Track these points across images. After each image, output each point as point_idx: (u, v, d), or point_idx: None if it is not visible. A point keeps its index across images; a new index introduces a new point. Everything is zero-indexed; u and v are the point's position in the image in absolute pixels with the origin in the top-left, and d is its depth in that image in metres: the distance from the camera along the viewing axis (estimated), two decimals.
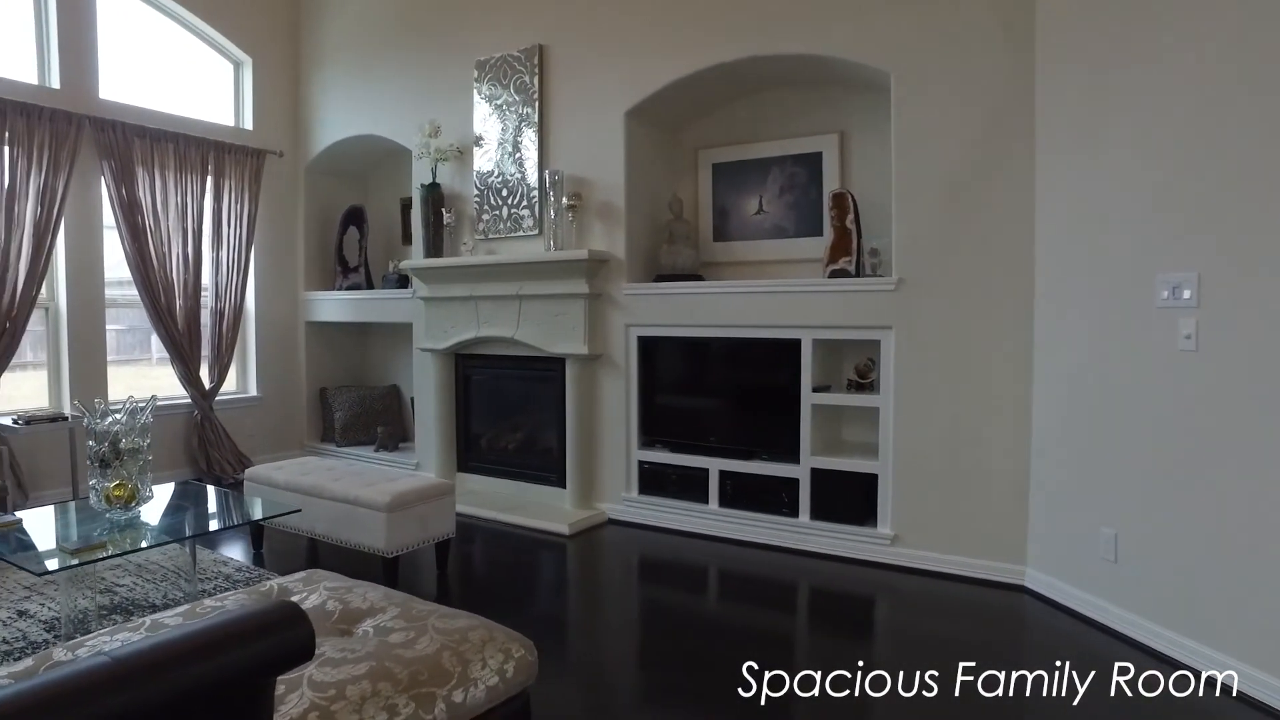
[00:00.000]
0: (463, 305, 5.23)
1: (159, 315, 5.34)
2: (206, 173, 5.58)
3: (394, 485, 3.69)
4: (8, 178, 4.62)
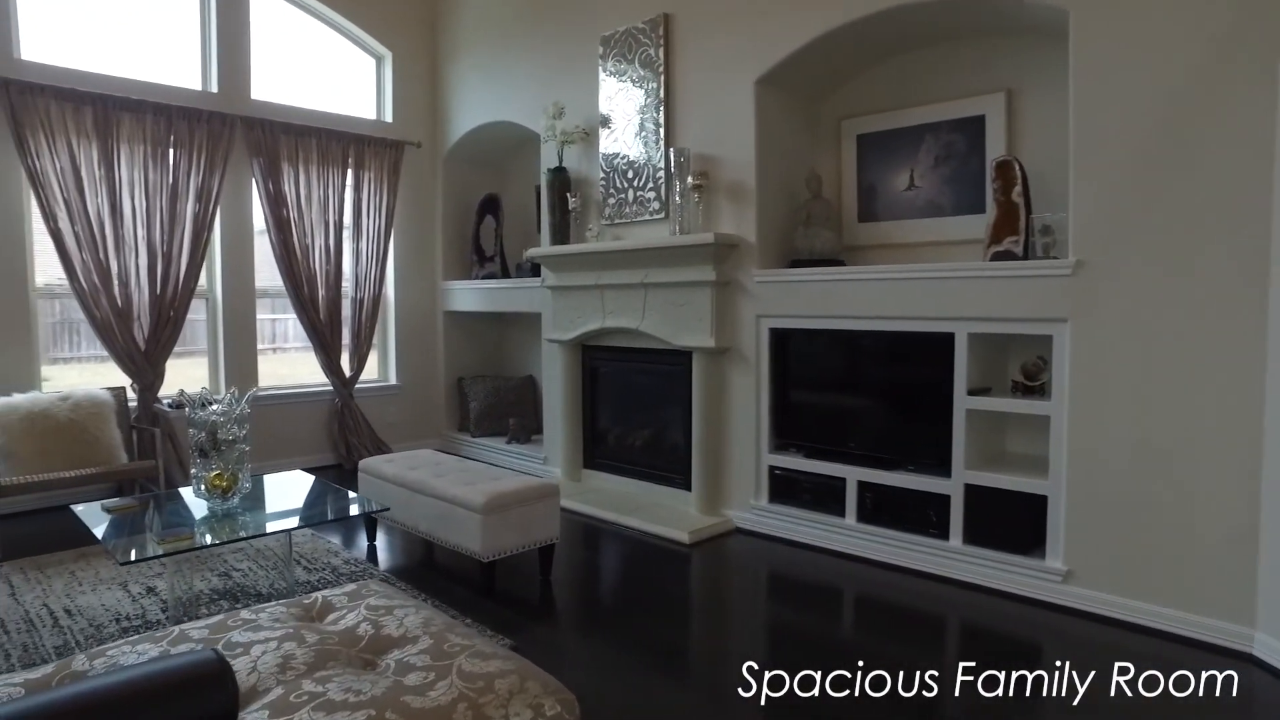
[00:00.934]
0: (588, 294, 5.00)
1: (302, 305, 5.52)
2: (347, 166, 5.70)
3: (494, 485, 3.50)
4: (171, 177, 4.89)
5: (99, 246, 4.64)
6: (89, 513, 3.12)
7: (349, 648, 1.84)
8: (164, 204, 4.86)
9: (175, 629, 1.93)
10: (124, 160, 4.73)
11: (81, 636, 2.97)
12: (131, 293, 4.78)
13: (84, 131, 4.60)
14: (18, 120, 4.38)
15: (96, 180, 4.64)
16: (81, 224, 4.58)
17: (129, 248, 4.76)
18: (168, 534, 2.80)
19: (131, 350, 4.78)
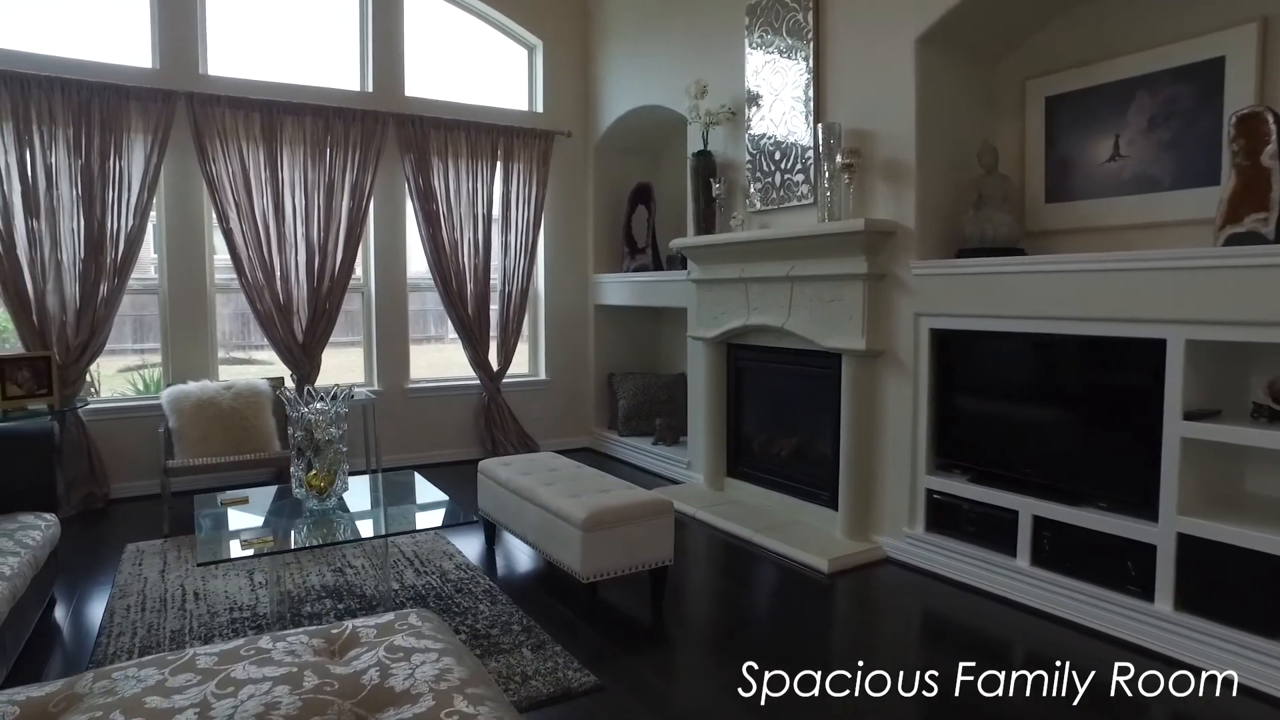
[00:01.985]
0: (732, 288, 4.59)
1: (450, 299, 5.55)
2: (496, 158, 5.66)
3: (599, 499, 3.22)
4: (327, 175, 5.07)
5: (263, 244, 4.90)
6: (205, 502, 3.20)
7: (345, 698, 1.61)
8: (321, 201, 5.05)
9: (189, 652, 1.80)
10: (286, 161, 4.96)
11: (196, 623, 3.04)
12: (291, 288, 5.01)
13: (252, 136, 4.85)
14: (199, 130, 4.70)
15: (262, 181, 4.89)
16: (248, 223, 4.85)
17: (289, 244, 4.99)
18: (250, 535, 2.77)
19: (290, 342, 5.02)
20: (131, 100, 4.52)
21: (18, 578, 2.57)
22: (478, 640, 2.88)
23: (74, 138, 4.39)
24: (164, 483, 4.16)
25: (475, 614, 3.12)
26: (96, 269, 4.46)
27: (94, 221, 4.44)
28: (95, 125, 4.42)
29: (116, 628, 3.02)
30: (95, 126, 4.42)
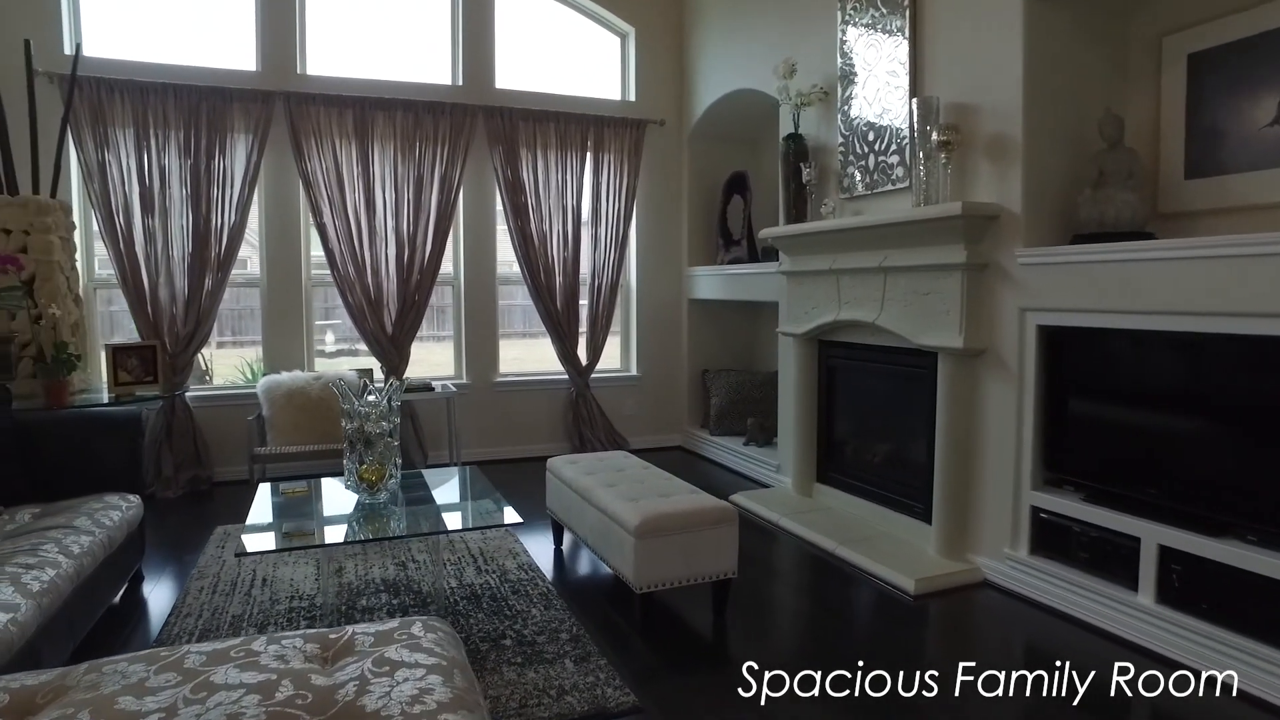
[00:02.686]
0: (823, 280, 4.27)
1: (538, 292, 5.50)
2: (586, 149, 5.56)
3: (658, 503, 3.02)
4: (417, 169, 5.12)
5: (354, 238, 5.00)
6: (264, 492, 3.24)
7: (313, 714, 1.50)
8: (410, 195, 5.11)
9: (183, 649, 1.75)
10: (377, 156, 5.04)
11: (256, 609, 3.08)
12: (381, 280, 5.09)
13: (345, 133, 4.97)
14: (295, 128, 4.85)
15: (354, 177, 4.99)
16: (340, 218, 4.97)
17: (380, 238, 5.07)
18: (290, 528, 2.76)
19: (379, 335, 5.11)
20: (235, 102, 4.71)
21: (85, 556, 2.66)
22: (521, 647, 2.76)
23: (184, 140, 4.62)
24: (252, 468, 4.31)
25: (526, 618, 3.00)
26: (202, 263, 4.68)
27: (200, 218, 4.66)
28: (202, 127, 4.64)
29: (186, 608, 3.10)
30: (202, 128, 4.64)
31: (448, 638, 1.89)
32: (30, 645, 2.28)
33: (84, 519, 2.88)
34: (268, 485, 3.34)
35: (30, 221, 3.86)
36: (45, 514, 2.94)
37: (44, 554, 2.53)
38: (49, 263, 3.90)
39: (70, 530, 2.76)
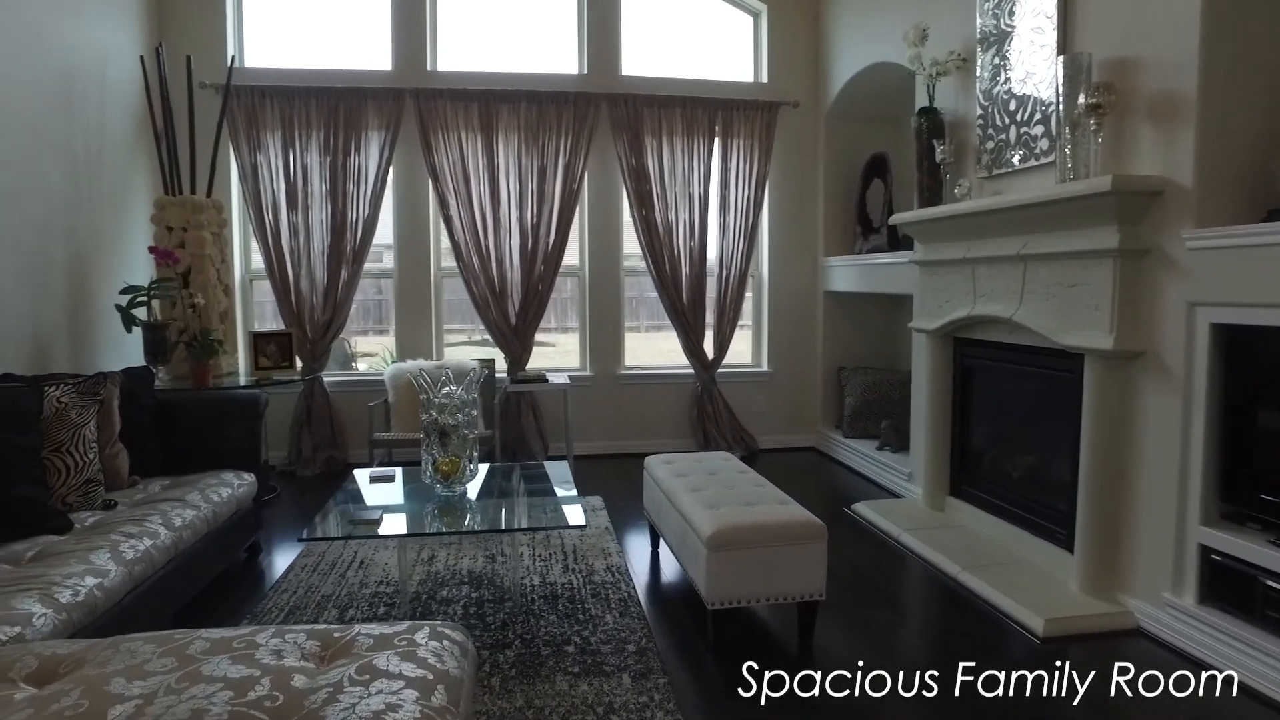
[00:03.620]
0: (957, 271, 3.81)
1: (663, 283, 5.35)
2: (714, 134, 5.33)
3: (738, 513, 2.78)
4: (540, 160, 5.13)
5: (479, 229, 5.09)
6: (358, 478, 3.32)
7: (274, 718, 1.45)
8: (534, 186, 5.12)
9: (195, 634, 1.77)
10: (501, 148, 5.10)
11: (344, 592, 3.17)
12: (505, 271, 5.15)
13: (470, 126, 5.06)
14: (424, 124, 5.00)
15: (479, 169, 5.08)
16: (466, 210, 5.07)
17: (504, 229, 5.13)
18: (361, 515, 2.79)
19: (502, 325, 5.17)
20: (369, 101, 4.93)
21: (185, 529, 2.84)
22: (583, 656, 2.63)
23: (323, 139, 4.90)
24: (372, 452, 4.50)
25: (597, 625, 2.87)
26: (338, 255, 4.94)
27: (337, 212, 4.92)
28: (340, 126, 4.89)
29: (286, 584, 3.25)
30: (340, 127, 4.90)
31: (453, 649, 1.79)
32: (121, 608, 2.43)
33: (195, 494, 3.08)
34: (365, 471, 3.43)
35: (188, 219, 4.22)
36: (171, 486, 3.18)
37: (148, 524, 2.71)
38: (201, 256, 4.24)
39: (180, 504, 2.95)
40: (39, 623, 2.05)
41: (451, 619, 2.90)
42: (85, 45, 4.11)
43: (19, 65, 3.61)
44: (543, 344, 5.75)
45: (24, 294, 3.61)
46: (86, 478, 2.90)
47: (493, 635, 2.78)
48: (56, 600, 2.15)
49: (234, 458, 3.53)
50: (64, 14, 3.94)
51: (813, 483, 4.93)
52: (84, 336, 4.01)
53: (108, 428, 3.13)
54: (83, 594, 2.23)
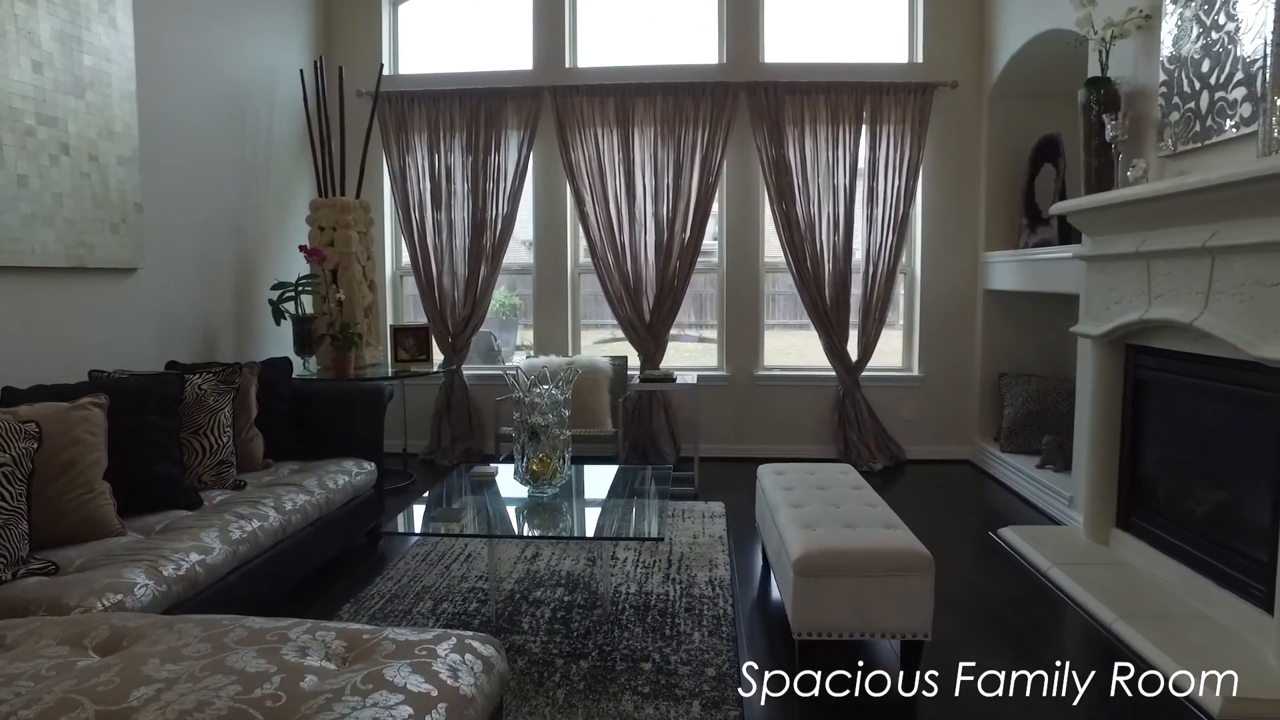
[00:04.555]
0: (1128, 266, 3.27)
1: (803, 280, 5.05)
2: (860, 121, 4.95)
3: (833, 534, 2.53)
4: (676, 153, 5.01)
5: (614, 225, 5.05)
6: (457, 474, 3.37)
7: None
8: (670, 180, 5.01)
9: (241, 621, 1.81)
10: (637, 142, 5.03)
11: (443, 584, 3.22)
12: (640, 267, 5.08)
13: (606, 121, 5.03)
14: (561, 121, 5.04)
15: (615, 164, 5.04)
16: (601, 205, 5.05)
17: (639, 224, 5.06)
18: (440, 514, 2.79)
19: (636, 322, 5.10)
20: (509, 100, 5.04)
21: (295, 513, 3.00)
22: (658, 675, 2.49)
23: (466, 140, 5.06)
24: (497, 445, 4.59)
25: (682, 642, 2.72)
26: (477, 252, 5.10)
27: (477, 210, 5.08)
28: (481, 126, 5.04)
29: (394, 572, 3.36)
30: (481, 127, 5.04)
31: (474, 664, 1.72)
32: (226, 584, 2.59)
33: (313, 479, 3.25)
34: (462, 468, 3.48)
35: (336, 219, 4.51)
36: (298, 471, 3.39)
37: (261, 507, 2.89)
38: (348, 254, 4.52)
39: (296, 489, 3.13)
40: (139, 592, 2.22)
41: (537, 622, 2.86)
42: (257, 64, 4.49)
43: (197, 85, 4.00)
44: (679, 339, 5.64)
45: (195, 290, 4.00)
46: (220, 459, 3.14)
47: (572, 643, 2.70)
48: (160, 573, 2.32)
49: (360, 446, 3.71)
50: (239, 37, 4.33)
51: (961, 500, 4.46)
52: (247, 328, 4.40)
53: (244, 413, 3.38)
54: (184, 569, 2.39)
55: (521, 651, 2.65)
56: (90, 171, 3.28)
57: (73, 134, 3.19)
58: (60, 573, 2.30)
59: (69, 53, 3.17)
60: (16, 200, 2.96)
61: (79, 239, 3.23)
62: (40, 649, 1.77)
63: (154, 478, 2.83)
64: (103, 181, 3.34)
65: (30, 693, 1.56)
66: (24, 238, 2.99)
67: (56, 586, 2.17)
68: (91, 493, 2.57)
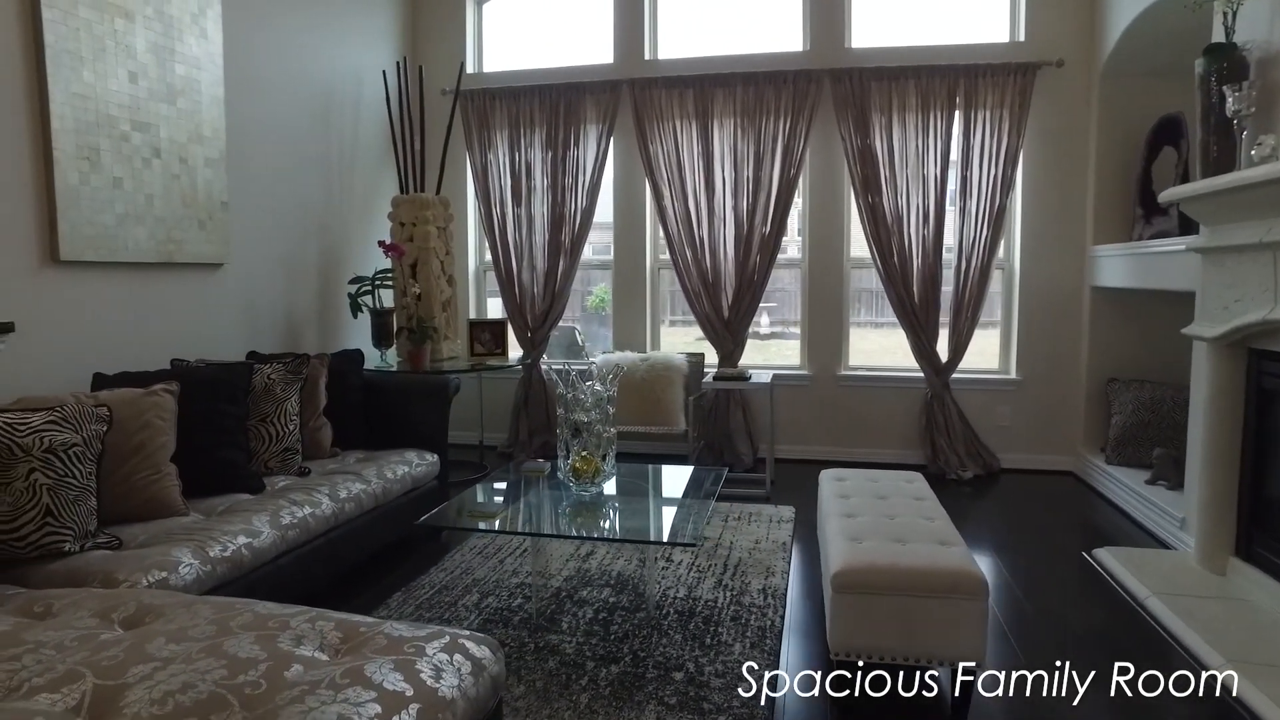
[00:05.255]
0: (1251, 260, 2.89)
1: (889, 276, 4.78)
2: (954, 107, 4.63)
3: (878, 549, 2.36)
4: (756, 145, 4.85)
5: (692, 219, 4.95)
6: (510, 468, 3.36)
7: (244, 708, 1.44)
8: (749, 173, 4.86)
9: (251, 604, 1.86)
10: (716, 135, 4.90)
11: (492, 578, 3.22)
12: (719, 262, 4.96)
13: (685, 114, 4.93)
14: (639, 114, 4.98)
15: (694, 157, 4.94)
16: (679, 199, 4.96)
17: (718, 218, 4.94)
18: (479, 509, 2.78)
19: (714, 318, 4.98)
20: (587, 94, 5.02)
21: (349, 502, 3.08)
22: (689, 687, 2.38)
23: (545, 135, 5.09)
24: None
25: (719, 654, 2.60)
26: (556, 247, 5.11)
27: (556, 205, 5.09)
28: (560, 121, 5.05)
29: (449, 564, 3.40)
30: (560, 122, 5.05)
31: (462, 664, 1.68)
32: (276, 567, 2.68)
33: (373, 469, 3.34)
34: (515, 463, 3.48)
35: (416, 215, 4.63)
36: (362, 460, 3.48)
37: (316, 494, 2.98)
38: (426, 249, 4.63)
39: (355, 477, 3.21)
40: (183, 571, 2.32)
41: (577, 622, 2.82)
42: (343, 67, 4.67)
43: (284, 89, 4.19)
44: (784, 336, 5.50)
45: (279, 283, 4.20)
46: (285, 446, 3.26)
47: (607, 647, 2.64)
48: (205, 553, 2.42)
49: (425, 438, 3.79)
50: (326, 42, 4.52)
51: (1058, 516, 4.10)
52: (330, 321, 4.58)
53: (312, 403, 3.50)
54: (230, 550, 2.49)
55: (554, 651, 2.61)
56: (179, 173, 3.48)
57: (164, 138, 3.40)
58: (123, 548, 2.44)
59: (162, 63, 3.38)
60: (112, 201, 3.18)
61: (168, 236, 3.44)
62: (74, 619, 1.87)
63: (219, 462, 2.97)
64: (191, 182, 3.54)
65: (48, 661, 1.64)
66: (118, 235, 3.21)
67: (114, 561, 2.29)
68: (159, 474, 2.72)
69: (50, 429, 2.39)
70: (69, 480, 2.38)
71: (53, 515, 2.33)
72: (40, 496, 2.32)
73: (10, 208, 2.86)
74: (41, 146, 2.95)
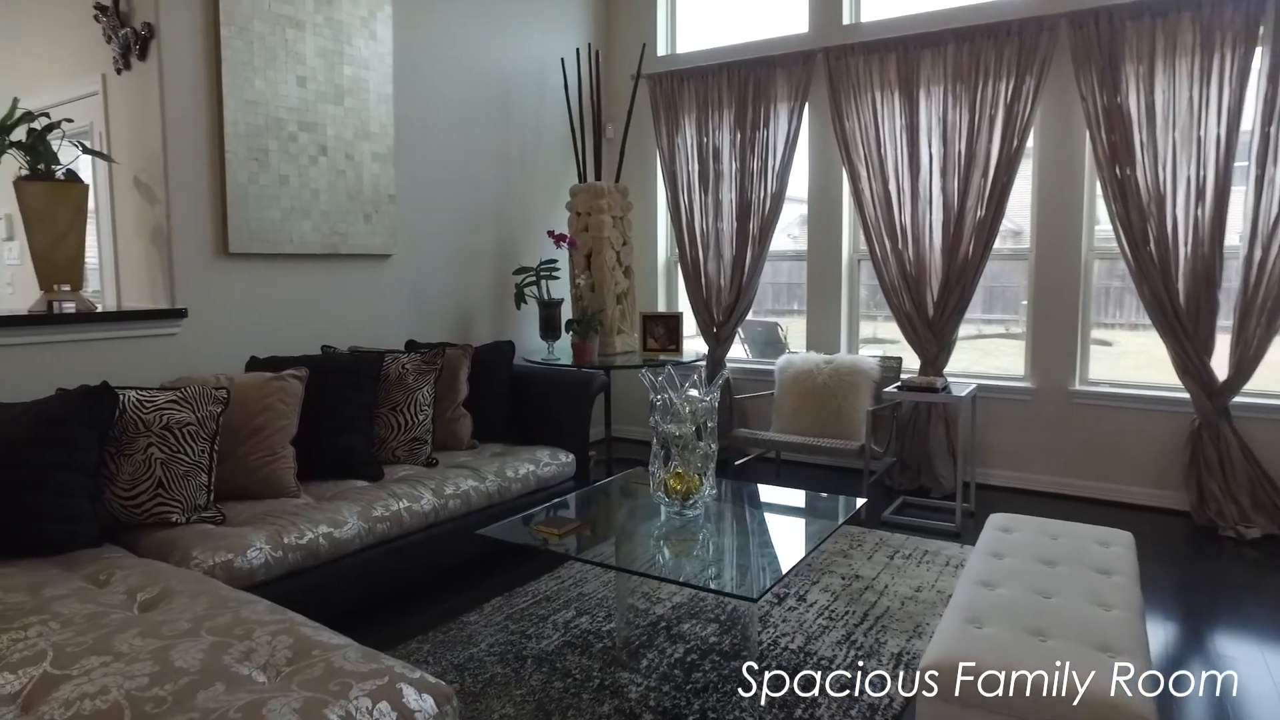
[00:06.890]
0: None
1: (1142, 269, 3.76)
2: (1251, 42, 3.48)
3: (1002, 648, 1.77)
4: (969, 114, 4.07)
5: (892, 203, 4.29)
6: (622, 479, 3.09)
7: (173, 711, 1.35)
8: (961, 146, 4.09)
9: (251, 600, 1.79)
10: (922, 105, 4.19)
11: (597, 595, 3.00)
12: (923, 252, 4.25)
13: (886, 82, 4.27)
14: (834, 86, 4.41)
15: (896, 131, 4.27)
16: (878, 181, 4.32)
17: (923, 201, 4.23)
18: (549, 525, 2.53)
19: (914, 317, 4.29)
20: (778, 68, 4.56)
21: (455, 498, 3.02)
22: None
23: (734, 115, 4.71)
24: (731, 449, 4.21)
25: None
26: (744, 235, 4.72)
27: (744, 190, 4.70)
28: (749, 100, 4.64)
29: (563, 572, 3.22)
30: (749, 101, 4.64)
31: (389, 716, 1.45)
32: (362, 559, 2.68)
33: (494, 466, 3.27)
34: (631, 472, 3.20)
35: (591, 204, 4.52)
36: (498, 454, 3.44)
37: (422, 488, 2.96)
38: (600, 239, 4.50)
39: (472, 473, 3.16)
40: (251, 555, 2.37)
41: (657, 662, 2.49)
42: (525, 56, 4.68)
43: (457, 83, 4.29)
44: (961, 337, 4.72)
45: (453, 276, 4.32)
46: (414, 436, 3.30)
47: (676, 698, 2.29)
48: (279, 539, 2.46)
49: (566, 435, 3.66)
50: (506, 33, 4.55)
51: None
52: (505, 311, 4.64)
53: (451, 394, 3.52)
54: (306, 539, 2.51)
55: (616, 694, 2.32)
56: (345, 169, 3.67)
57: (330, 136, 3.60)
58: (226, 523, 2.57)
59: (330, 66, 3.58)
60: (278, 197, 3.42)
61: (333, 229, 3.64)
62: (108, 595, 1.95)
63: (339, 448, 3.05)
64: (357, 177, 3.72)
65: (45, 635, 1.70)
66: (283, 229, 3.45)
67: (202, 536, 2.40)
68: (274, 456, 2.85)
69: (170, 408, 2.58)
70: (180, 456, 2.55)
71: (164, 487, 2.51)
72: (154, 469, 2.51)
73: (190, 206, 3.17)
74: (218, 150, 3.23)
